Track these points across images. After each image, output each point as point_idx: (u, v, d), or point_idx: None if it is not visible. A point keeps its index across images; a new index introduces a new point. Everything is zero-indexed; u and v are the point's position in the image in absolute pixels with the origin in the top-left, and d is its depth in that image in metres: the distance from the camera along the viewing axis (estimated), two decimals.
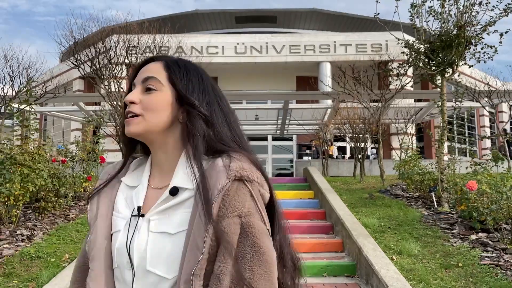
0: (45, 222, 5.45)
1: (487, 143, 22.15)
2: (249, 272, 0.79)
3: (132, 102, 0.91)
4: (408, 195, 7.35)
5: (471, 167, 6.47)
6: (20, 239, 4.79)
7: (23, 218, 5.53)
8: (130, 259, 0.86)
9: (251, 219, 0.82)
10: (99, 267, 0.91)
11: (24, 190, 5.05)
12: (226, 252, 0.80)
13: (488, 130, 24.14)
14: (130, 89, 0.96)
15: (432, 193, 6.35)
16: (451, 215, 5.70)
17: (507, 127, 20.97)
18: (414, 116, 14.54)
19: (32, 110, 6.61)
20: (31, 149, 5.67)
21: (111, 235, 0.93)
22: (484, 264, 4.07)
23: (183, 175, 0.88)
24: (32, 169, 5.20)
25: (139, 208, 0.89)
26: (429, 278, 3.86)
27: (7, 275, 3.94)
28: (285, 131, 19.24)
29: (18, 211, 5.17)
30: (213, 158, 0.88)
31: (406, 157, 8.18)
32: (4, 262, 4.18)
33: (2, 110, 8.89)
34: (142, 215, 0.89)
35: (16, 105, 8.88)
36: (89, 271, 0.92)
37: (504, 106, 24.19)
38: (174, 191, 0.87)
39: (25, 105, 7.25)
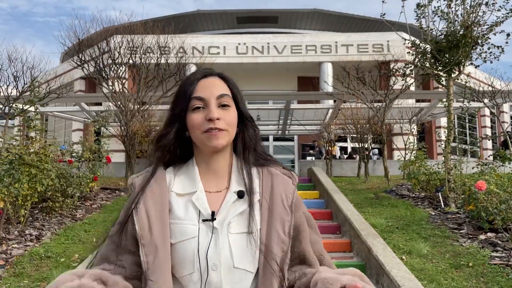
0: (53, 222, 5.45)
1: (489, 143, 22.18)
2: (321, 246, 1.07)
3: (217, 119, 1.00)
4: (414, 195, 7.34)
5: (478, 168, 6.48)
6: (29, 239, 4.79)
7: (31, 218, 5.52)
8: (207, 260, 0.93)
9: (307, 213, 1.07)
10: (165, 277, 0.92)
11: (32, 190, 5.05)
12: (305, 237, 1.02)
13: (489, 131, 24.16)
14: (187, 99, 1.02)
15: (439, 193, 6.35)
16: (459, 215, 5.70)
17: (509, 128, 20.98)
18: (415, 117, 14.55)
19: (38, 110, 6.57)
20: (37, 149, 5.66)
21: (173, 243, 0.95)
22: (494, 264, 4.07)
23: (241, 179, 1.03)
24: (40, 169, 5.19)
25: (213, 213, 0.97)
26: (440, 278, 3.86)
27: (17, 275, 3.94)
28: (287, 131, 19.24)
29: (26, 211, 5.16)
30: (262, 165, 1.07)
31: (412, 157, 8.17)
32: (14, 262, 4.18)
33: (6, 111, 8.88)
34: (214, 219, 0.96)
35: (20, 106, 8.88)
36: (149, 283, 0.92)
37: (506, 107, 24.23)
38: (242, 195, 1.00)
39: (29, 106, 7.23)
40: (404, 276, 3.79)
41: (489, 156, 16.86)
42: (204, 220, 0.96)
